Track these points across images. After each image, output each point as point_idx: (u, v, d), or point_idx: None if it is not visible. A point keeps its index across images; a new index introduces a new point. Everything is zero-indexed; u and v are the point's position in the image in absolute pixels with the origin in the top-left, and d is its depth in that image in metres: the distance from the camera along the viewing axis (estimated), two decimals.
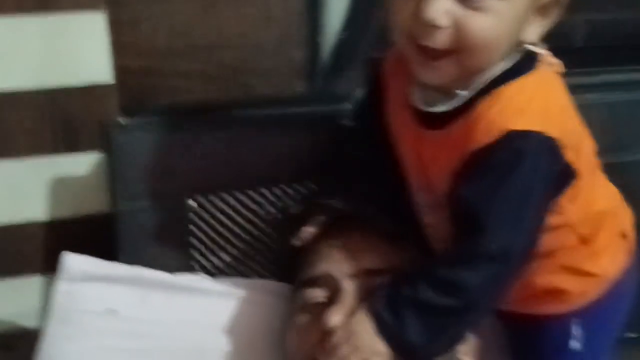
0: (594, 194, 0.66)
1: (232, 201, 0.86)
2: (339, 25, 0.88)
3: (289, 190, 0.87)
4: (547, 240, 0.64)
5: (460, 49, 0.57)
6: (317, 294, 0.70)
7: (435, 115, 0.63)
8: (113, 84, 0.86)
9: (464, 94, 0.61)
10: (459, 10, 0.55)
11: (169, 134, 0.86)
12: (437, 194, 0.65)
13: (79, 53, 0.84)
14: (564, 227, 0.65)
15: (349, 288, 0.68)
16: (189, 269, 0.86)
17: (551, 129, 0.58)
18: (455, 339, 0.64)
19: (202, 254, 0.87)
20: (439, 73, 0.59)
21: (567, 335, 0.69)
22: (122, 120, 0.87)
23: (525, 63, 0.61)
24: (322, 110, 0.90)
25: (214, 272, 0.87)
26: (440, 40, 0.56)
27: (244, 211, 0.86)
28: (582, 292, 0.68)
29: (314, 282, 0.71)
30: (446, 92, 0.62)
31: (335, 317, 0.64)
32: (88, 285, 0.78)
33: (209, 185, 0.85)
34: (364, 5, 0.88)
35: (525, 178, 0.58)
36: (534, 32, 0.60)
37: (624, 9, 0.87)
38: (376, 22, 0.88)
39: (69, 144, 0.88)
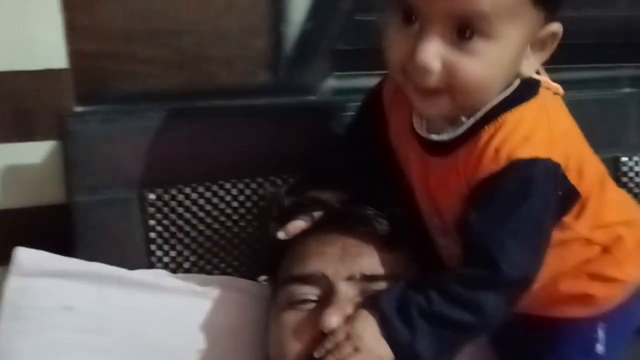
0: (603, 209, 0.67)
1: (193, 195, 0.84)
2: (303, 15, 0.86)
3: (253, 184, 0.85)
4: (569, 254, 0.66)
5: (453, 89, 0.58)
6: (308, 291, 0.68)
7: (440, 142, 0.64)
8: (68, 69, 0.82)
9: (466, 121, 0.62)
10: (451, 54, 0.56)
11: (127, 122, 0.83)
12: (446, 221, 0.65)
13: (31, 36, 0.81)
14: (578, 240, 0.66)
15: (344, 291, 0.67)
16: (149, 264, 0.84)
17: (555, 155, 0.60)
18: (457, 352, 0.65)
19: (162, 249, 0.84)
20: (436, 107, 0.60)
21: (593, 339, 0.69)
22: (77, 107, 0.84)
23: (526, 89, 0.62)
24: (286, 102, 0.89)
25: (174, 268, 0.85)
26: (433, 81, 0.57)
27: (205, 205, 0.84)
28: (608, 296, 0.68)
29: (304, 279, 0.69)
30: (450, 120, 0.63)
31: (333, 319, 0.63)
32: (42, 281, 0.76)
33: (169, 178, 0.83)
34: None
35: (535, 206, 0.59)
36: (531, 65, 0.61)
37: (590, 7, 0.86)
38: (340, 12, 0.86)
39: (22, 131, 0.84)
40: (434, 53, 0.55)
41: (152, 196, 0.83)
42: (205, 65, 0.86)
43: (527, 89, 0.62)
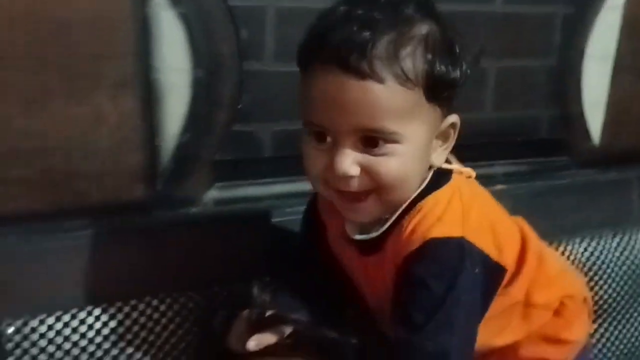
0: (543, 285, 0.72)
1: (58, 325, 0.75)
2: (178, 127, 0.84)
3: (126, 308, 0.78)
4: (527, 321, 0.71)
5: (379, 188, 0.61)
6: None
7: (370, 241, 0.66)
8: None
9: (389, 218, 0.65)
10: (367, 159, 0.60)
11: None
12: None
13: None
14: (519, 305, 0.71)
15: None
16: None
17: (469, 234, 0.63)
18: None
19: None
20: (364, 212, 0.63)
21: None
22: None
23: (439, 178, 0.66)
24: (166, 217, 0.84)
25: None
26: (357, 184, 0.61)
27: (72, 335, 0.76)
28: (561, 358, 0.74)
29: None
30: (376, 220, 0.65)
31: None
32: None
33: (29, 307, 0.74)
34: (205, 108, 0.84)
35: (449, 282, 0.61)
36: (439, 156, 0.65)
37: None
38: (217, 124, 0.85)
39: None
40: (350, 160, 0.59)
41: (9, 329, 0.73)
42: (74, 184, 0.80)
43: (440, 178, 0.66)
